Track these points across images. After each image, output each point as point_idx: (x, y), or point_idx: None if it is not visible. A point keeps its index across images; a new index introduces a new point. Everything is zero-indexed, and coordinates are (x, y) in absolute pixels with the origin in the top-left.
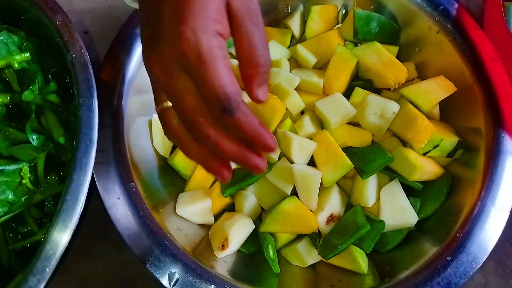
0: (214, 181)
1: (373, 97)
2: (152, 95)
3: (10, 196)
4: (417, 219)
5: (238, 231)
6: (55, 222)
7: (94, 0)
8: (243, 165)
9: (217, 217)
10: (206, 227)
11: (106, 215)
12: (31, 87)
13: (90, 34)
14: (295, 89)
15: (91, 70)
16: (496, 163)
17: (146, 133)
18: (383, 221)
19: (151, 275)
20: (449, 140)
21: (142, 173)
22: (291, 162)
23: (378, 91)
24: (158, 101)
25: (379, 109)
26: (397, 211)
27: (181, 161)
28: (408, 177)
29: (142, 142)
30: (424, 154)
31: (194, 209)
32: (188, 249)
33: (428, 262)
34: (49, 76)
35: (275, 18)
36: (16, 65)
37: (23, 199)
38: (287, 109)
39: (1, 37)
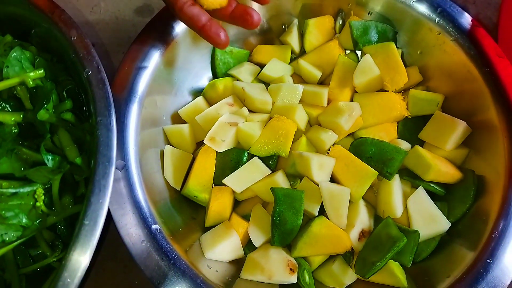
0: (232, 209)
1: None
2: (157, 128)
3: (24, 220)
4: (449, 224)
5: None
6: (73, 248)
7: (100, 12)
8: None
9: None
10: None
11: (120, 240)
12: (45, 105)
13: (97, 47)
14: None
15: (109, 88)
16: None
17: (158, 168)
18: (418, 231)
19: None
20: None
21: (162, 211)
22: (313, 182)
23: None
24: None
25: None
26: (428, 219)
27: (195, 184)
28: (423, 176)
29: (156, 179)
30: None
31: (222, 248)
32: (222, 285)
33: (469, 268)
34: (64, 93)
35: (270, 37)
36: (31, 82)
37: (36, 222)
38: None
39: (15, 53)
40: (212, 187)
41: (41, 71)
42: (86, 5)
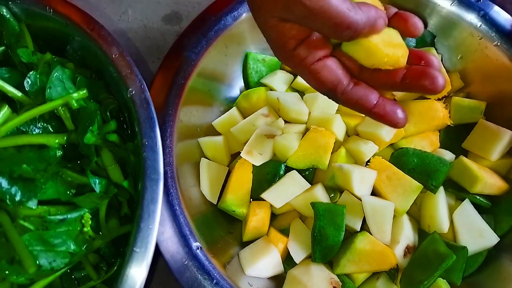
0: (270, 224)
1: None
2: (192, 141)
3: (72, 247)
4: (498, 239)
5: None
6: (124, 278)
7: (129, 20)
8: None
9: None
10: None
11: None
12: (90, 127)
13: None
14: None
15: (153, 108)
16: None
17: (194, 182)
18: (466, 247)
19: None
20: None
21: (200, 226)
22: (354, 195)
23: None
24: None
25: None
26: (475, 233)
27: (233, 199)
28: (469, 188)
29: (193, 193)
30: None
31: (263, 265)
32: None
33: None
34: (107, 114)
35: None
36: (75, 104)
37: (83, 247)
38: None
39: (56, 73)
40: (250, 201)
41: (84, 91)
42: (114, 13)
